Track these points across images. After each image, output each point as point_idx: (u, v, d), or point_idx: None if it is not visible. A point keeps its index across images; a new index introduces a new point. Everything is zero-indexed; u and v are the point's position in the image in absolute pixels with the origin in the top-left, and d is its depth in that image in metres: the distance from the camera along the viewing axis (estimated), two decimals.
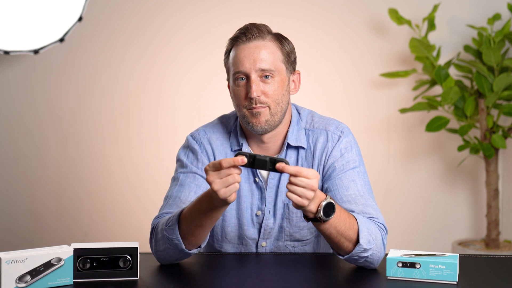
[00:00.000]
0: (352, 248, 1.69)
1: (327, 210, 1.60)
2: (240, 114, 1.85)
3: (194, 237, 1.70)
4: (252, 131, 1.86)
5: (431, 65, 3.41)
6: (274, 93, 1.82)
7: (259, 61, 1.81)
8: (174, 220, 1.70)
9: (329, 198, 1.61)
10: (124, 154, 3.70)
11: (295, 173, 1.54)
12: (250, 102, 1.81)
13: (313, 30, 3.63)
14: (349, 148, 1.89)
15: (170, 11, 3.64)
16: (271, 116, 1.83)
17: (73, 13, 2.76)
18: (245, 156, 1.53)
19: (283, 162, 1.53)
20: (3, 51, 2.70)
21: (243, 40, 1.83)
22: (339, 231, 1.65)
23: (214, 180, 1.55)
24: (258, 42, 1.83)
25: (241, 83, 1.83)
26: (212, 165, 1.55)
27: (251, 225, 1.91)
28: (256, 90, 1.80)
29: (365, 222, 1.72)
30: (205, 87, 3.66)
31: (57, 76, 3.66)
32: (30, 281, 1.55)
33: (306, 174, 1.54)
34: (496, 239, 3.45)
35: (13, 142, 3.68)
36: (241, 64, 1.82)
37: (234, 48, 1.86)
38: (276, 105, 1.83)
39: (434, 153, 3.71)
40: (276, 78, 1.83)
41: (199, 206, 1.64)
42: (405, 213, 3.72)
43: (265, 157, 1.53)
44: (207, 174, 1.56)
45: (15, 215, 3.70)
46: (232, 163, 1.53)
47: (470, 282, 1.62)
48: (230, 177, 1.54)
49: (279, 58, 1.84)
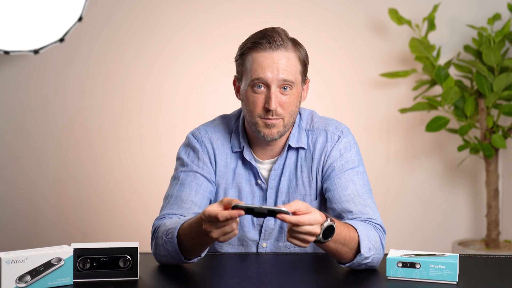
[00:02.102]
0: (353, 257, 1.68)
1: (327, 233, 1.58)
2: (251, 121, 1.83)
3: (193, 251, 1.70)
4: (260, 138, 1.85)
5: (431, 65, 3.41)
6: (290, 105, 1.81)
7: (281, 72, 1.78)
8: (173, 234, 1.69)
9: (329, 221, 1.57)
10: (124, 154, 3.70)
11: (296, 223, 1.49)
12: (267, 113, 1.79)
13: (313, 30, 3.63)
14: (348, 148, 1.89)
15: (170, 11, 3.64)
16: (283, 128, 1.83)
17: (73, 13, 2.76)
18: (242, 209, 1.47)
19: (283, 212, 1.48)
20: (3, 51, 2.70)
21: (265, 46, 1.79)
22: (339, 246, 1.64)
23: (212, 230, 1.52)
24: (282, 52, 1.80)
25: (259, 91, 1.80)
26: (207, 216, 1.51)
27: (251, 226, 1.91)
28: (275, 102, 1.78)
29: (364, 229, 1.70)
30: (205, 87, 3.66)
31: (57, 76, 3.66)
32: (30, 281, 1.55)
33: (308, 222, 1.50)
34: (496, 239, 3.45)
35: (13, 142, 3.68)
36: (262, 72, 1.78)
37: (254, 52, 1.80)
38: (289, 117, 1.82)
39: (434, 153, 3.71)
40: (293, 90, 1.81)
41: (197, 227, 1.60)
42: (405, 213, 3.72)
43: (262, 209, 1.47)
44: (204, 223, 1.53)
45: (15, 215, 3.70)
46: (228, 217, 1.48)
47: (470, 282, 1.61)
48: (228, 227, 1.51)
49: (299, 70, 1.83)
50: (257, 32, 1.84)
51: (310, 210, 1.51)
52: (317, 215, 1.51)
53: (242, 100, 1.86)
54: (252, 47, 1.81)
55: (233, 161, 1.92)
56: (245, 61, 1.83)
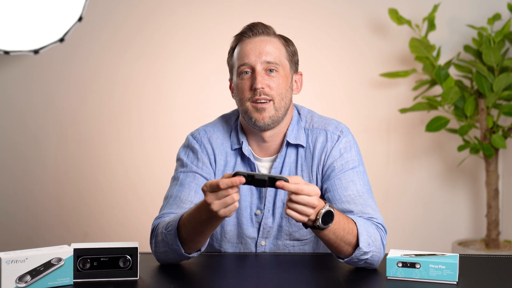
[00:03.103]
0: (351, 251, 1.68)
1: (326, 219, 1.59)
2: (243, 109, 1.85)
3: (193, 243, 1.70)
4: (254, 127, 1.86)
5: (431, 65, 3.41)
6: (279, 86, 1.83)
7: (264, 54, 1.83)
8: (174, 226, 1.69)
9: (327, 206, 1.59)
10: (124, 153, 3.70)
11: (295, 191, 1.51)
12: (254, 93, 1.82)
13: (313, 30, 3.63)
14: (348, 148, 1.89)
15: (170, 11, 3.64)
16: (275, 112, 1.84)
17: (73, 13, 2.76)
18: (243, 176, 1.50)
19: (283, 180, 1.51)
20: (3, 51, 2.70)
21: (248, 35, 1.86)
22: (338, 236, 1.65)
23: (212, 202, 1.53)
24: (264, 37, 1.87)
25: (246, 76, 1.84)
26: (209, 186, 1.52)
27: (250, 224, 1.91)
28: (261, 82, 1.81)
29: (364, 224, 1.71)
30: (205, 87, 3.66)
31: (57, 76, 3.66)
32: (30, 281, 1.55)
33: (307, 191, 1.52)
34: (496, 239, 3.45)
35: (13, 142, 3.68)
36: (246, 57, 1.83)
37: (239, 44, 1.88)
38: (280, 99, 1.84)
39: (434, 153, 3.71)
40: (280, 72, 1.84)
41: (198, 214, 1.62)
42: (405, 213, 3.72)
43: (263, 175, 1.50)
44: (205, 195, 1.54)
45: (15, 215, 3.70)
46: (230, 184, 1.50)
47: (470, 282, 1.62)
48: (229, 198, 1.52)
49: (284, 55, 1.87)
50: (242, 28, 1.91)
51: (309, 184, 1.54)
52: (316, 188, 1.54)
53: (234, 94, 1.90)
54: (237, 39, 1.89)
55: (232, 158, 1.92)
56: (233, 55, 1.89)
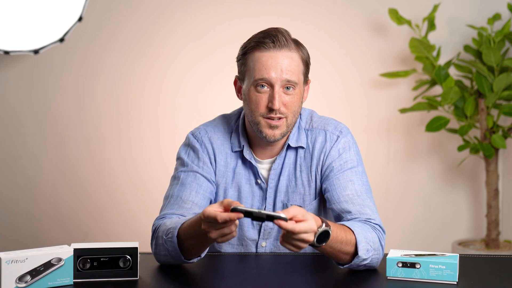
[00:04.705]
0: (350, 260, 1.68)
1: (322, 238, 1.58)
2: (254, 121, 1.83)
3: (193, 251, 1.70)
4: (262, 138, 1.85)
5: (431, 65, 3.41)
6: (293, 105, 1.82)
7: (285, 73, 1.79)
8: (173, 234, 1.69)
9: (323, 226, 1.57)
10: (124, 154, 3.70)
11: (292, 230, 1.49)
12: (270, 112, 1.80)
13: (313, 30, 3.63)
14: (347, 148, 1.89)
15: (170, 11, 3.64)
16: (287, 128, 1.83)
17: (73, 13, 2.76)
18: (241, 212, 1.47)
19: (280, 218, 1.47)
20: (3, 51, 2.70)
21: (269, 46, 1.79)
22: (336, 249, 1.64)
23: (210, 231, 1.52)
24: (286, 52, 1.80)
25: (262, 90, 1.80)
26: (206, 217, 1.50)
27: (251, 226, 1.91)
28: (279, 102, 1.78)
29: (362, 231, 1.70)
30: (205, 87, 3.66)
31: (57, 76, 3.66)
32: (30, 281, 1.55)
33: (304, 230, 1.49)
34: (496, 239, 3.45)
35: (12, 142, 3.68)
36: (266, 72, 1.78)
37: (258, 52, 1.80)
38: (293, 116, 1.83)
39: (434, 153, 3.71)
40: (296, 90, 1.82)
41: (197, 227, 1.60)
42: (405, 213, 3.72)
43: (261, 214, 1.47)
44: (203, 223, 1.53)
45: (15, 215, 3.70)
46: (227, 219, 1.48)
47: (470, 282, 1.62)
48: (227, 229, 1.51)
49: (301, 70, 1.83)
50: (260, 32, 1.84)
51: (306, 217, 1.50)
52: (312, 223, 1.50)
53: (244, 99, 1.86)
54: (256, 46, 1.81)
55: (233, 160, 1.92)
56: (247, 60, 1.82)
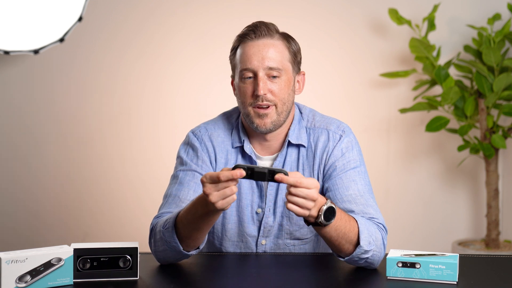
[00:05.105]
0: (352, 250, 1.69)
1: (328, 215, 1.59)
2: (245, 112, 1.85)
3: (191, 240, 1.70)
4: (255, 130, 1.86)
5: (431, 65, 3.41)
6: (281, 92, 1.82)
7: (267, 59, 1.81)
8: (171, 223, 1.69)
9: (329, 203, 1.59)
10: (124, 153, 3.70)
11: (294, 183, 1.51)
12: (256, 99, 1.81)
13: (313, 30, 3.63)
14: (350, 147, 1.89)
15: (170, 11, 3.64)
16: (277, 116, 1.83)
17: (73, 13, 2.76)
18: (243, 169, 1.50)
19: (282, 173, 1.51)
20: (3, 51, 2.70)
21: (251, 37, 1.83)
22: (340, 233, 1.65)
23: (211, 193, 1.52)
24: (267, 40, 1.83)
25: (248, 81, 1.82)
26: (209, 177, 1.52)
27: (251, 222, 1.91)
28: (263, 88, 1.80)
29: (365, 223, 1.72)
30: (205, 87, 3.66)
31: (57, 76, 3.66)
32: (30, 281, 1.55)
33: (306, 184, 1.52)
34: (496, 239, 3.45)
35: (13, 142, 3.68)
36: (249, 61, 1.81)
37: (241, 45, 1.85)
38: (282, 104, 1.83)
39: (434, 153, 3.71)
40: (282, 77, 1.83)
41: (195, 209, 1.62)
42: (405, 213, 3.72)
43: (263, 168, 1.50)
44: (204, 185, 1.53)
45: (15, 215, 3.70)
46: (230, 177, 1.49)
47: (470, 282, 1.62)
48: (228, 190, 1.52)
49: (287, 58, 1.85)
50: (245, 27, 1.88)
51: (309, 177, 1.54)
52: (315, 181, 1.53)
53: (236, 95, 1.89)
54: (240, 40, 1.86)
55: (233, 156, 1.92)
56: (235, 56, 1.87)
